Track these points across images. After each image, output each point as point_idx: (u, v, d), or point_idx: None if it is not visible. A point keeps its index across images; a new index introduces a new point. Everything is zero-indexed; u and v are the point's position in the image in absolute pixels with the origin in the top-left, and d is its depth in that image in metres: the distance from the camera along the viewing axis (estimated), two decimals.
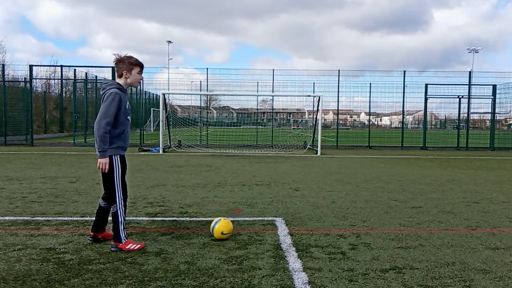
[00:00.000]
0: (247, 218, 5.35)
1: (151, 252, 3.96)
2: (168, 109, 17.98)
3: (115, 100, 3.85)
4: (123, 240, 3.99)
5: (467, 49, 55.71)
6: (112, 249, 3.95)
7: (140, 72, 4.12)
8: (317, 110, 18.14)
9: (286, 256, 3.88)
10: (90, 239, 4.22)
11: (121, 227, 4.00)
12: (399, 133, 20.58)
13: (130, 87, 4.25)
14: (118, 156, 4.01)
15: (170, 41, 56.39)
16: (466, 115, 21.09)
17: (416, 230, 4.90)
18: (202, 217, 5.40)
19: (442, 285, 3.28)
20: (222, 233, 4.33)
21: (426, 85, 19.90)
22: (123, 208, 4.04)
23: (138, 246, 4.01)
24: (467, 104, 20.62)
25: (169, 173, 9.70)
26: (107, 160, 3.86)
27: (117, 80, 4.07)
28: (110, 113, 3.82)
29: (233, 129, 26.75)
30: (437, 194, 7.33)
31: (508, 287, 3.28)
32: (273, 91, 20.70)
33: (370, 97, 20.18)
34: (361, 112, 44.92)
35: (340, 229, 4.89)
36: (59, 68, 22.39)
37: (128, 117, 4.05)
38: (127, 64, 4.02)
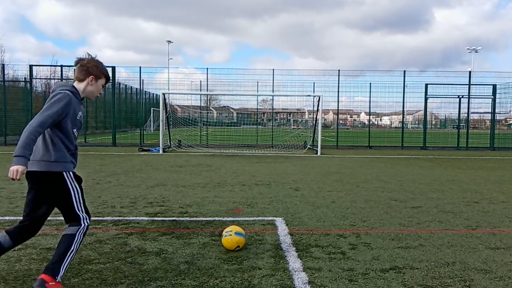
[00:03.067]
0: (247, 218, 5.35)
1: (151, 252, 3.96)
2: (168, 109, 17.99)
3: (63, 101, 2.88)
4: (58, 278, 2.96)
5: (467, 49, 55.73)
6: (35, 285, 2.89)
7: (104, 85, 3.24)
8: (317, 110, 18.15)
9: (286, 256, 3.88)
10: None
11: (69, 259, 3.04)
12: (399, 133, 20.59)
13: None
14: (70, 172, 3.04)
15: (170, 41, 56.45)
16: (466, 115, 21.10)
17: (416, 230, 4.90)
18: (202, 217, 5.41)
19: (442, 285, 3.28)
20: (237, 247, 4.03)
21: (426, 85, 19.92)
22: (82, 237, 3.17)
23: None
24: (467, 104, 20.64)
25: (169, 173, 9.70)
26: (22, 168, 2.70)
27: (76, 84, 3.10)
28: (49, 112, 2.81)
29: (233, 129, 26.78)
30: (437, 194, 7.33)
31: (508, 287, 3.28)
32: (273, 91, 20.70)
33: (370, 97, 20.21)
34: (361, 112, 44.95)
35: (340, 229, 4.89)
36: (59, 68, 22.40)
37: (76, 130, 3.05)
38: (99, 71, 3.13)
